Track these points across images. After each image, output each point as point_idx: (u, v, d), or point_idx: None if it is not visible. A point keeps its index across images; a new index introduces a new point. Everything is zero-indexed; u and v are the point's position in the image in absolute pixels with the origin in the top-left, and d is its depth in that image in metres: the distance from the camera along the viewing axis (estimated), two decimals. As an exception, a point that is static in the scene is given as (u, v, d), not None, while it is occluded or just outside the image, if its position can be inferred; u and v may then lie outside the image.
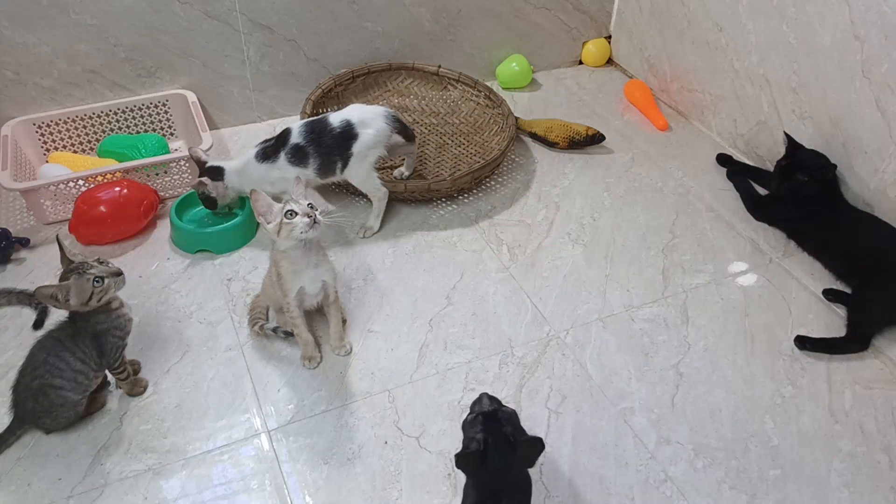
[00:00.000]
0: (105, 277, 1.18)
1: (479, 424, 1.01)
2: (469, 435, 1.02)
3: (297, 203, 1.25)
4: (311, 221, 1.24)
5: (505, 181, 1.93)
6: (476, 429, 1.01)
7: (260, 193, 1.26)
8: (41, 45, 1.78)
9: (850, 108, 1.67)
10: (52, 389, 1.19)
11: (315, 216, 1.25)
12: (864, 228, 1.62)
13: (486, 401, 1.07)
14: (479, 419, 1.02)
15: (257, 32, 1.96)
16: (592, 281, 1.62)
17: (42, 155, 1.88)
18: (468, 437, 1.03)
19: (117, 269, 1.21)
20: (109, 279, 1.18)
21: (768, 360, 1.45)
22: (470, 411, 1.08)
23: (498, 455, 0.98)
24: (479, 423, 1.02)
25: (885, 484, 1.24)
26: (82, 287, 1.16)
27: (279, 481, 1.21)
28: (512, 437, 1.00)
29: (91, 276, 1.16)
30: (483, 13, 2.22)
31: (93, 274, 1.16)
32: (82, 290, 1.16)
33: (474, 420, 1.03)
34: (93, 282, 1.16)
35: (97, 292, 1.17)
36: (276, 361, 1.42)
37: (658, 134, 2.14)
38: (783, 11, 1.77)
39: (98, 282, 1.17)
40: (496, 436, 0.99)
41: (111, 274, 1.19)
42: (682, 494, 1.21)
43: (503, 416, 1.03)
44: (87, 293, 1.16)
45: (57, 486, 1.19)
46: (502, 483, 1.00)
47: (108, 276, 1.18)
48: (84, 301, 1.17)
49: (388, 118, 1.66)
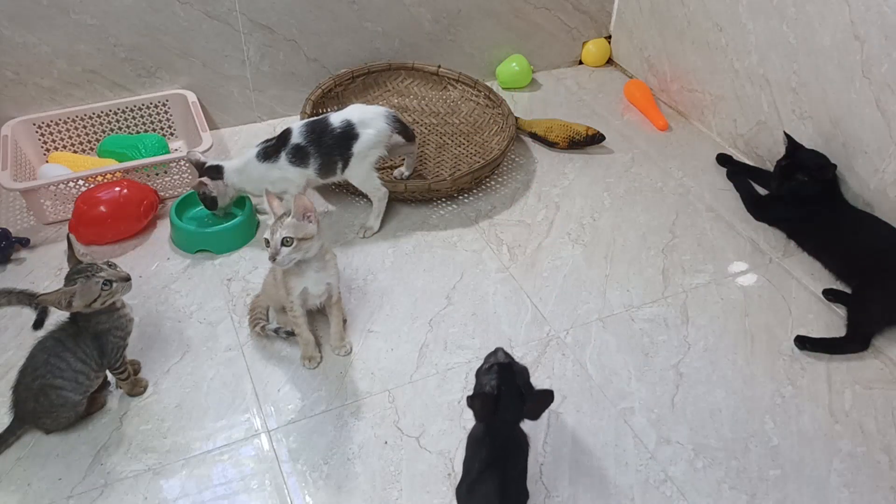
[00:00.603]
0: (114, 281, 1.17)
1: (495, 374, 1.06)
2: (483, 382, 1.07)
3: (272, 232, 1.24)
4: (272, 256, 1.23)
5: (505, 181, 1.93)
6: (491, 377, 1.06)
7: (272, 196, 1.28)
8: (41, 45, 1.78)
9: (850, 108, 1.67)
10: (53, 389, 1.19)
11: (274, 253, 1.23)
12: (864, 228, 1.62)
13: (501, 354, 1.12)
14: (494, 368, 1.07)
15: (257, 32, 1.96)
16: (592, 281, 1.62)
17: (42, 155, 1.88)
18: (482, 384, 1.07)
19: (126, 275, 1.21)
20: (118, 283, 1.18)
21: (768, 360, 1.45)
22: (485, 362, 1.12)
23: (509, 404, 1.03)
24: (494, 372, 1.07)
25: (885, 484, 1.24)
26: (90, 290, 1.15)
27: (279, 481, 1.21)
28: (523, 389, 1.05)
29: (100, 280, 1.16)
30: (483, 13, 2.22)
31: (102, 277, 1.16)
32: (89, 292, 1.16)
33: (489, 369, 1.08)
34: (101, 285, 1.16)
35: (104, 295, 1.17)
36: (276, 361, 1.42)
37: (658, 134, 2.14)
38: (783, 11, 1.77)
39: (107, 286, 1.16)
40: (509, 386, 1.04)
41: (120, 279, 1.19)
42: (682, 494, 1.21)
43: (517, 370, 1.08)
44: (94, 296, 1.16)
45: (57, 486, 1.19)
46: (508, 436, 1.06)
47: (116, 281, 1.18)
48: (88, 304, 1.17)
49: (388, 118, 1.66)
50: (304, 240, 1.24)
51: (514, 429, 1.08)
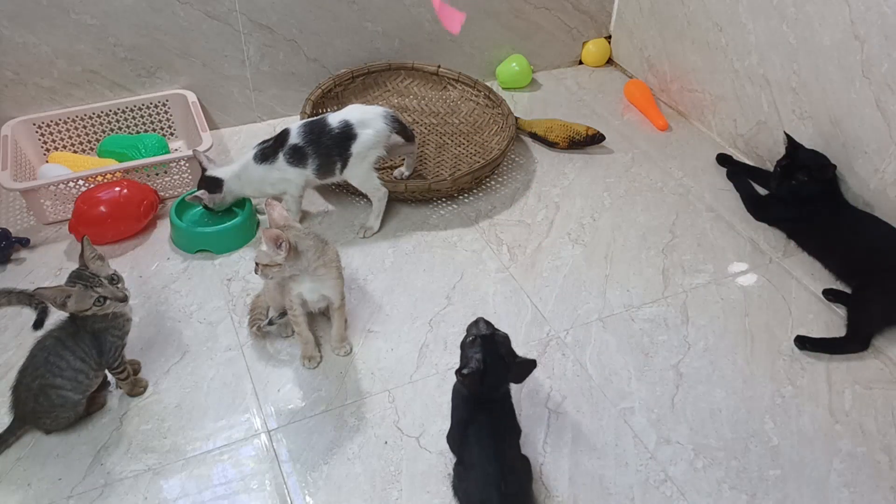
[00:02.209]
0: (108, 299, 1.19)
1: (478, 346, 1.12)
2: (469, 355, 1.12)
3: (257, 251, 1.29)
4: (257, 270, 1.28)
5: (505, 181, 1.93)
6: (475, 350, 1.11)
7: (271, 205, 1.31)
8: (41, 45, 1.78)
9: (850, 108, 1.67)
10: (53, 389, 1.19)
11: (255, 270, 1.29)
12: (864, 228, 1.62)
13: (482, 325, 1.16)
14: (477, 341, 1.12)
15: (257, 32, 1.96)
16: (592, 281, 1.62)
17: (42, 155, 1.88)
18: (467, 356, 1.13)
19: (124, 296, 1.22)
20: (112, 302, 1.19)
21: (768, 360, 1.45)
22: (467, 333, 1.16)
23: (494, 374, 1.11)
24: (477, 344, 1.12)
25: (885, 484, 1.24)
26: (83, 300, 1.17)
27: (279, 481, 1.21)
28: (506, 359, 1.12)
29: (95, 295, 1.18)
30: (483, 13, 2.22)
31: (98, 293, 1.18)
32: (82, 301, 1.17)
33: (473, 342, 1.13)
34: (95, 300, 1.18)
35: (95, 309, 1.18)
36: (276, 361, 1.42)
37: (658, 134, 2.14)
38: (783, 11, 1.77)
39: (100, 301, 1.18)
40: (494, 357, 1.11)
41: (116, 299, 1.20)
42: (682, 494, 1.21)
43: (499, 339, 1.13)
44: (86, 307, 1.18)
45: (57, 486, 1.19)
46: (492, 397, 1.15)
47: (112, 299, 1.19)
48: (81, 311, 1.18)
49: (387, 118, 1.65)
50: (269, 266, 1.26)
51: (497, 393, 1.15)
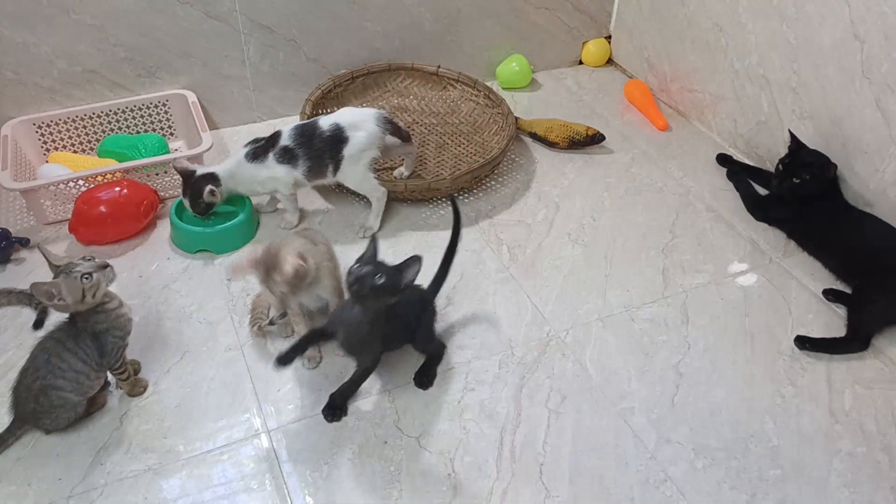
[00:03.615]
0: (93, 273, 1.18)
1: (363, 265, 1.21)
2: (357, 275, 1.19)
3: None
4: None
5: (505, 181, 1.93)
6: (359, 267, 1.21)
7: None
8: (41, 45, 1.78)
9: (850, 108, 1.67)
10: (54, 390, 1.19)
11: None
12: (864, 228, 1.62)
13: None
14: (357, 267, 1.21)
15: (257, 32, 1.96)
16: (592, 281, 1.62)
17: (42, 155, 1.88)
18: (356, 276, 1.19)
19: (103, 263, 1.21)
20: (97, 273, 1.18)
21: (768, 360, 1.45)
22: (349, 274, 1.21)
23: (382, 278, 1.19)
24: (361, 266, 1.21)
25: (885, 484, 1.24)
26: (72, 286, 1.16)
27: (279, 481, 1.21)
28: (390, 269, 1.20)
29: (78, 274, 1.16)
30: (483, 13, 2.22)
31: (80, 272, 1.17)
32: (73, 288, 1.16)
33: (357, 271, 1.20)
34: (81, 278, 1.16)
35: (88, 288, 1.17)
36: (276, 361, 1.42)
37: (658, 134, 2.14)
38: (783, 11, 1.77)
39: (87, 278, 1.17)
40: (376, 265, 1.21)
41: (98, 268, 1.19)
42: (682, 494, 1.21)
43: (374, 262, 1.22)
44: (79, 290, 1.16)
45: (57, 486, 1.19)
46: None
47: (95, 271, 1.18)
48: (79, 299, 1.17)
49: (378, 120, 1.65)
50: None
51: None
